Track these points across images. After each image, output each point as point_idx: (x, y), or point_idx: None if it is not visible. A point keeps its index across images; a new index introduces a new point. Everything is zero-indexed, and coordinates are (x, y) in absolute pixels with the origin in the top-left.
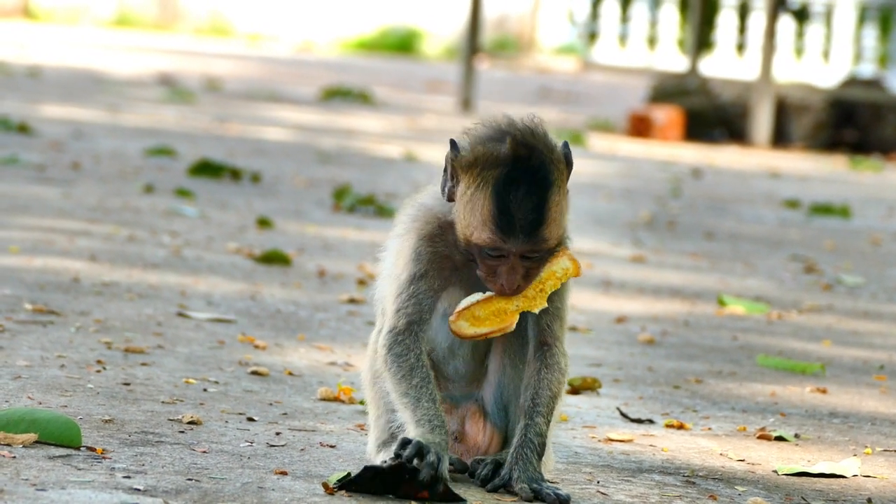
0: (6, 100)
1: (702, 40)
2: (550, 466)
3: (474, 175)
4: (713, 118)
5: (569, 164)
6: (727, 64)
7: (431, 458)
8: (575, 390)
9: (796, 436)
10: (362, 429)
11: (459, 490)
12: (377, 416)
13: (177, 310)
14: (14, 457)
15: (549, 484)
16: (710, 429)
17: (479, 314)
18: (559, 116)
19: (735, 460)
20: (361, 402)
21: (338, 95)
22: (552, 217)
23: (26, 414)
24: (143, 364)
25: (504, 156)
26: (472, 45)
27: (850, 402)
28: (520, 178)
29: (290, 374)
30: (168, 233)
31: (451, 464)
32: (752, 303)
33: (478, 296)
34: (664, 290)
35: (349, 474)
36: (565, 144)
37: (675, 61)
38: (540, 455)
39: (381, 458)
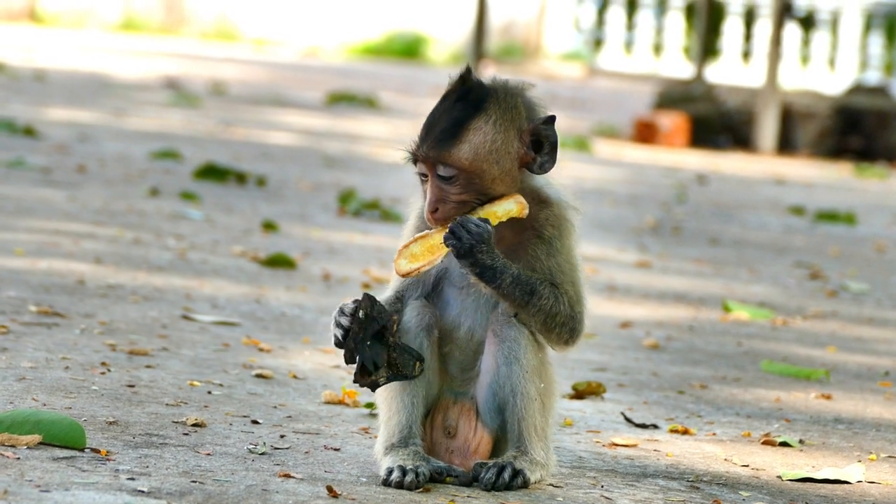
0: (12, 103)
1: (707, 47)
2: (553, 469)
3: None
4: (719, 125)
5: (531, 122)
6: (733, 71)
7: (410, 478)
8: (579, 395)
9: (801, 441)
10: (367, 432)
11: (464, 493)
12: (387, 418)
13: (182, 312)
14: (18, 458)
15: (519, 467)
16: (714, 434)
17: (415, 251)
18: (565, 122)
19: (739, 466)
20: (367, 406)
21: (344, 100)
22: (468, 138)
23: (31, 415)
24: (148, 366)
25: (453, 82)
26: (479, 50)
27: (854, 409)
28: (451, 95)
29: (295, 377)
30: (173, 236)
31: (455, 476)
32: (757, 309)
33: (418, 234)
34: (669, 296)
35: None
36: (549, 118)
37: (680, 68)
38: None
39: (387, 463)
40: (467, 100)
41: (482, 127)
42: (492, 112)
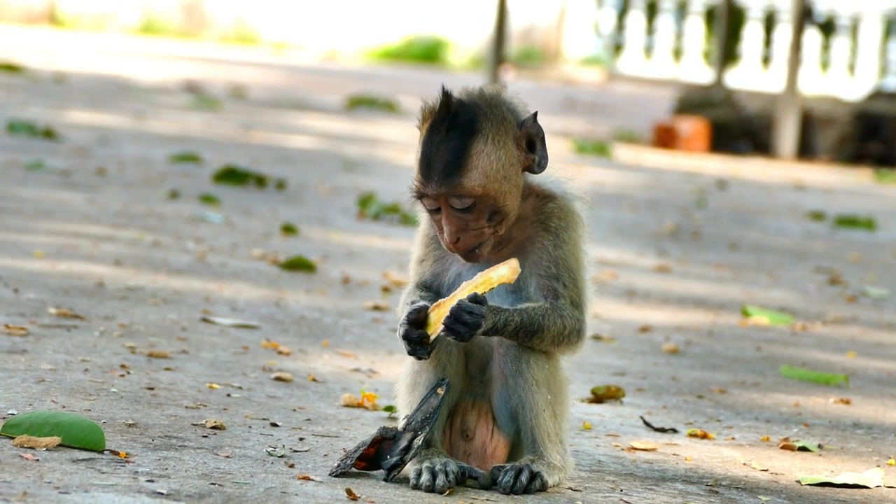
0: (32, 105)
1: (727, 52)
2: (571, 473)
3: (419, 131)
4: (738, 130)
5: (521, 126)
6: (753, 76)
7: (441, 481)
8: (598, 399)
9: (820, 446)
10: None
11: (483, 496)
12: None
13: (201, 315)
14: (37, 460)
15: (537, 470)
16: (733, 438)
17: (432, 320)
18: (584, 127)
19: (758, 470)
20: (386, 409)
21: (363, 104)
22: (474, 164)
23: (50, 417)
24: (167, 369)
25: (433, 107)
26: (498, 55)
27: (873, 414)
28: (441, 124)
29: (314, 380)
30: (193, 239)
31: (475, 478)
32: (777, 314)
33: (433, 305)
34: (688, 301)
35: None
36: (533, 115)
37: (700, 73)
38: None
39: (414, 465)
40: (458, 126)
41: (483, 149)
42: (486, 131)
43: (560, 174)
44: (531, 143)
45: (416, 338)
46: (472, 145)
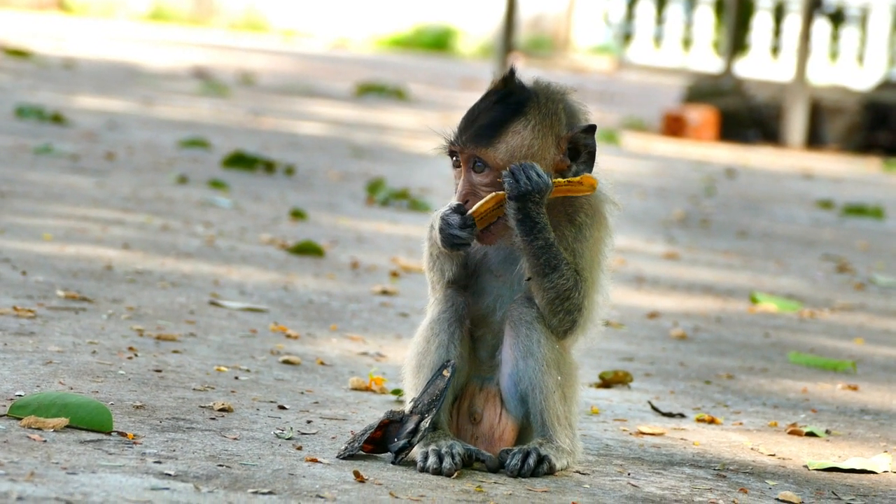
0: (41, 90)
1: (737, 42)
2: (579, 456)
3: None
4: (747, 119)
5: (570, 130)
6: (762, 66)
7: (448, 464)
8: (606, 384)
9: (827, 432)
10: None
11: (490, 479)
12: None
13: (209, 299)
14: (45, 441)
15: (545, 453)
16: (741, 424)
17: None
18: (593, 115)
19: (766, 455)
20: (394, 392)
21: (372, 91)
22: (505, 138)
23: (58, 398)
24: (175, 351)
25: (495, 82)
26: (508, 43)
27: (881, 400)
28: (494, 94)
29: (322, 363)
30: (202, 223)
31: (482, 461)
32: (785, 300)
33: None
34: (697, 287)
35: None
36: (589, 127)
37: (709, 62)
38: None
39: (420, 448)
40: (508, 102)
41: (520, 131)
42: (531, 116)
43: (604, 174)
44: (575, 150)
45: (460, 222)
46: (511, 123)
